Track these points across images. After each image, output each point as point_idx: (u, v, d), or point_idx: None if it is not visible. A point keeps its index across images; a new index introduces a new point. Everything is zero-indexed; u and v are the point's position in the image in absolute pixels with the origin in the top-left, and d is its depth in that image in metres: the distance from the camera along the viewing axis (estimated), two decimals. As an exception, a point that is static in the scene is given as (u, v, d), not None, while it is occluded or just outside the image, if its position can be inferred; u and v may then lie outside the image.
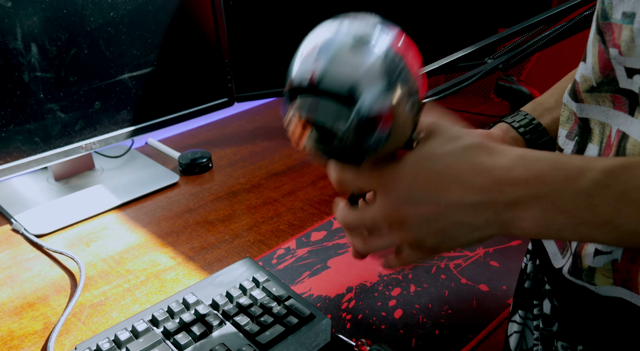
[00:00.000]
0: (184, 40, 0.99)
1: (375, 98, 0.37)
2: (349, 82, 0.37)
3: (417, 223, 0.42)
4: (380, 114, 0.38)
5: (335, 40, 0.39)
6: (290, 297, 0.66)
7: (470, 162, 0.39)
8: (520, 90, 1.11)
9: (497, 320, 0.67)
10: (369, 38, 0.39)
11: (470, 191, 0.39)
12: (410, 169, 0.41)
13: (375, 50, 0.38)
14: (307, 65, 0.40)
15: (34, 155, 0.87)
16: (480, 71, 0.63)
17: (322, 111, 0.38)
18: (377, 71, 0.37)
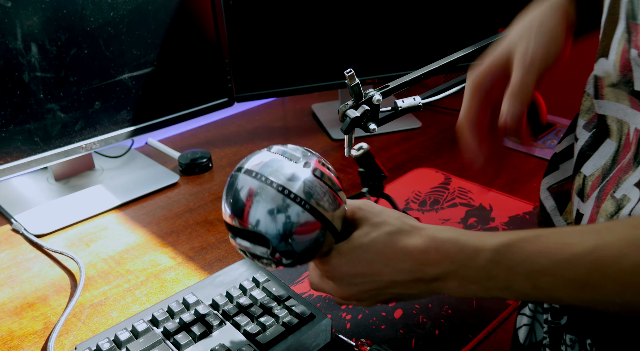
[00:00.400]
0: (184, 40, 0.99)
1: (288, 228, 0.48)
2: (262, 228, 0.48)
3: (363, 298, 0.51)
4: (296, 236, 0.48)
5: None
6: (290, 297, 0.66)
7: (394, 248, 0.47)
8: (520, 90, 1.11)
9: (497, 320, 0.67)
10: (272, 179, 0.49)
11: (400, 273, 0.47)
12: (346, 260, 0.50)
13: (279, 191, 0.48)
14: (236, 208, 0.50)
15: (34, 155, 0.87)
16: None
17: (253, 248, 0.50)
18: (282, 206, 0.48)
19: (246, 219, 0.48)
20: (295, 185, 0.48)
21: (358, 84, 0.62)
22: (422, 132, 1.17)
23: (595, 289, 0.39)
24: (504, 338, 0.65)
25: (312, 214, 0.48)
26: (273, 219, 0.47)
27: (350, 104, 0.63)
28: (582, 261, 0.39)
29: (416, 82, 0.65)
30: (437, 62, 0.64)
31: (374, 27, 1.10)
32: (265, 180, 0.48)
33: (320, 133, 1.18)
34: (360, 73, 1.13)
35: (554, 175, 0.59)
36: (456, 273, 0.45)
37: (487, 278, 0.43)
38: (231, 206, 0.49)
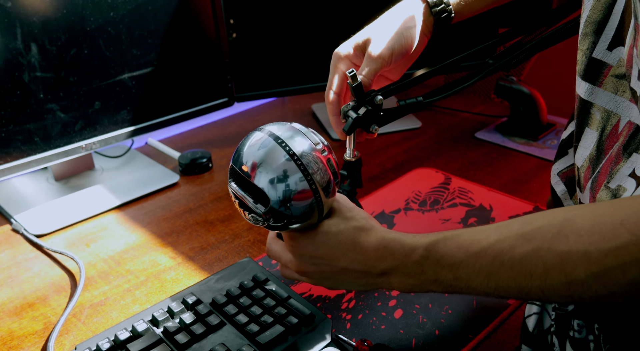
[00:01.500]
0: (184, 40, 0.99)
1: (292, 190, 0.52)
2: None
3: (315, 277, 0.58)
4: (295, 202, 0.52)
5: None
6: (290, 297, 0.66)
7: (354, 241, 0.54)
8: (520, 90, 1.11)
9: (497, 320, 0.67)
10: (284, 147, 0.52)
11: (354, 263, 0.54)
12: (313, 241, 0.55)
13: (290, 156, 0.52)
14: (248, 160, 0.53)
15: (34, 155, 0.87)
16: (482, 71, 0.63)
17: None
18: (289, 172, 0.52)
19: (255, 174, 0.52)
20: (307, 159, 0.52)
21: (360, 84, 0.62)
22: (422, 132, 1.17)
23: (497, 277, 0.46)
24: (504, 338, 0.65)
25: (313, 191, 0.52)
26: (280, 182, 0.51)
27: (352, 104, 0.63)
28: (486, 253, 0.46)
29: (417, 82, 0.65)
30: (438, 65, 0.64)
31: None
32: (285, 146, 0.52)
33: (320, 133, 1.18)
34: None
35: (563, 160, 0.61)
36: (397, 269, 0.52)
37: (421, 272, 0.50)
38: (245, 157, 0.53)
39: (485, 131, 1.16)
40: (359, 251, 0.54)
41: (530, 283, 0.44)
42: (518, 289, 0.45)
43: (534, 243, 0.44)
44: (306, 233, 0.56)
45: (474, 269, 0.47)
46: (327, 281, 0.58)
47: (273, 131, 0.53)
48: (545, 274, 0.43)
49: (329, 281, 0.58)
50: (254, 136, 0.54)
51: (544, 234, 0.44)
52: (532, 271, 0.44)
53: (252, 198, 0.53)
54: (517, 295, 0.46)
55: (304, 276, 0.59)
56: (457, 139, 1.13)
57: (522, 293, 0.45)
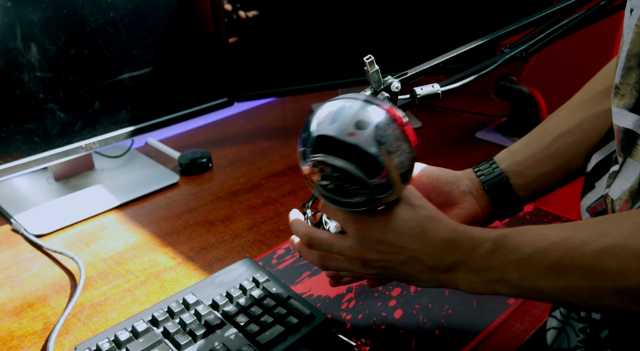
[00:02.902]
0: (183, 40, 0.99)
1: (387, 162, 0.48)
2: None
3: (377, 265, 0.54)
4: (386, 174, 0.48)
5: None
6: (290, 297, 0.66)
7: (424, 230, 0.51)
8: (521, 90, 1.11)
9: (497, 320, 0.67)
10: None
11: (421, 253, 0.51)
12: (383, 225, 0.52)
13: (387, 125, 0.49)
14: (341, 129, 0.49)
15: (34, 155, 0.87)
16: (498, 60, 0.62)
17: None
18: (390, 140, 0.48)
19: (367, 141, 0.48)
20: (411, 138, 0.50)
21: (377, 70, 0.60)
22: (422, 132, 1.17)
23: (567, 276, 0.43)
24: (504, 338, 0.65)
25: (409, 171, 0.50)
26: (394, 150, 0.48)
27: (368, 91, 0.62)
28: (556, 248, 0.43)
29: (435, 70, 0.63)
30: (455, 50, 0.63)
31: (374, 26, 1.10)
32: (391, 115, 0.49)
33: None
34: (360, 73, 1.13)
35: (591, 194, 0.58)
36: (464, 263, 0.49)
37: (487, 268, 0.48)
38: (348, 125, 0.48)
39: (485, 131, 1.16)
40: (428, 241, 0.51)
41: (604, 284, 0.41)
42: (590, 292, 0.42)
43: (609, 239, 0.40)
44: (375, 216, 0.52)
45: (542, 266, 0.44)
46: (387, 273, 0.54)
47: (368, 99, 0.50)
48: (620, 274, 0.40)
49: (389, 273, 0.54)
50: (348, 104, 0.50)
51: (621, 230, 0.40)
52: (605, 270, 0.40)
53: (358, 169, 0.48)
54: (590, 301, 0.42)
55: (365, 265, 0.54)
56: (457, 139, 1.13)
57: (595, 298, 0.42)
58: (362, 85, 1.15)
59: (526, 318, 0.67)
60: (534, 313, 0.68)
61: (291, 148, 1.12)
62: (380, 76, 0.60)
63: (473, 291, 0.50)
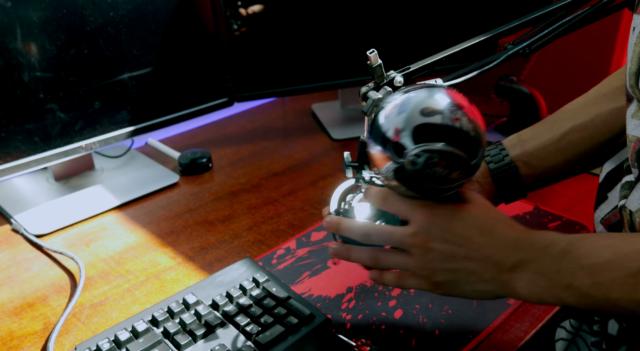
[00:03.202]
0: (183, 40, 0.99)
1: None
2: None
3: (438, 257, 0.50)
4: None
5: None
6: (290, 297, 0.66)
7: (493, 227, 0.49)
8: (521, 90, 1.11)
9: (497, 320, 0.67)
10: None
11: (487, 248, 0.48)
12: (452, 214, 0.50)
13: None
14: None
15: (34, 155, 0.87)
16: (501, 56, 0.62)
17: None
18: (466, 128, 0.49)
19: (470, 127, 0.50)
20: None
21: (380, 64, 0.60)
22: (422, 132, 1.17)
23: None
24: (504, 338, 0.65)
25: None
26: (481, 134, 0.50)
27: (371, 85, 0.62)
28: (635, 252, 0.40)
29: (437, 65, 0.63)
30: (456, 46, 0.63)
31: (373, 26, 1.10)
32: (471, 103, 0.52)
33: (320, 133, 1.18)
34: (360, 73, 1.13)
35: (604, 206, 0.57)
36: (532, 262, 0.46)
37: (556, 270, 0.44)
38: (452, 110, 0.50)
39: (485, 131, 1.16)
40: (497, 236, 0.48)
41: None
42: None
43: None
44: (444, 204, 0.50)
45: (620, 274, 0.40)
46: (446, 271, 0.50)
47: (433, 85, 0.53)
48: None
49: (448, 265, 0.50)
50: (434, 93, 0.51)
51: None
52: None
53: (465, 153, 0.48)
54: None
55: (424, 256, 0.51)
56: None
57: None
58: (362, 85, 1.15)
59: (526, 318, 0.67)
60: (534, 313, 0.68)
61: (291, 148, 1.12)
62: (383, 70, 0.60)
63: (534, 298, 0.47)
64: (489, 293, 0.50)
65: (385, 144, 0.50)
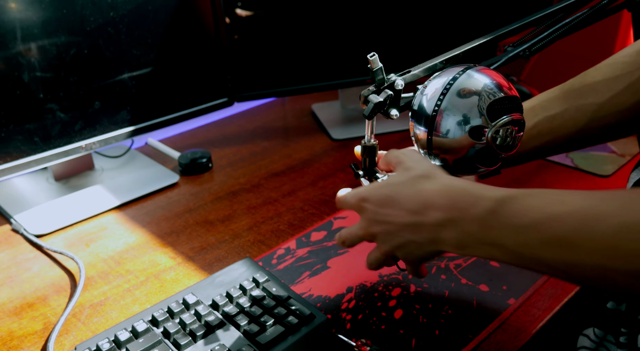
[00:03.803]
0: (183, 40, 0.99)
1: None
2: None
3: (382, 239, 0.54)
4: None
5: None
6: (290, 297, 0.66)
7: (411, 190, 0.50)
8: (521, 90, 1.11)
9: (497, 320, 0.67)
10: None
11: (409, 215, 0.50)
12: (377, 194, 0.53)
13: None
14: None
15: (34, 155, 0.87)
16: (501, 58, 0.63)
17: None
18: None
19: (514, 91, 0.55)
20: None
21: (381, 68, 0.60)
22: (422, 132, 1.17)
23: (578, 249, 0.38)
24: (504, 338, 0.65)
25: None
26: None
27: (372, 89, 0.62)
28: (571, 217, 0.39)
29: (438, 68, 0.63)
30: (457, 48, 0.63)
31: (374, 26, 1.10)
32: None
33: (320, 133, 1.18)
34: (360, 73, 1.13)
35: None
36: (456, 221, 0.46)
37: (482, 230, 0.44)
38: (499, 86, 0.55)
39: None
40: (414, 199, 0.50)
41: (620, 264, 0.36)
42: (601, 270, 0.37)
43: (635, 215, 0.36)
44: (371, 185, 0.56)
45: (550, 233, 0.39)
46: (392, 244, 0.54)
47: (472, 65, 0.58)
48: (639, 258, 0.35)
49: (394, 242, 0.54)
50: (483, 71, 0.56)
51: None
52: (625, 249, 0.36)
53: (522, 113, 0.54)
54: (599, 281, 0.38)
55: (375, 240, 0.56)
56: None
57: (604, 278, 0.37)
58: (362, 85, 1.15)
59: (526, 318, 0.67)
60: (534, 313, 0.68)
61: (291, 148, 1.12)
62: (384, 73, 0.60)
63: (465, 252, 0.47)
64: (430, 254, 0.52)
65: (457, 130, 0.53)
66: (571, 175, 0.96)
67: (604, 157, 0.99)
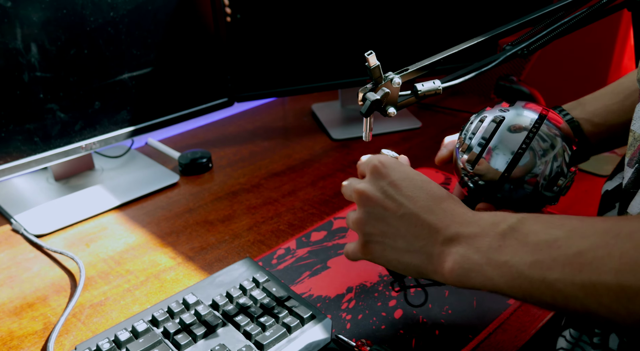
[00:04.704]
0: (183, 40, 0.99)
1: None
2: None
3: (370, 212, 0.49)
4: None
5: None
6: (290, 297, 0.66)
7: (443, 198, 0.47)
8: (521, 90, 1.11)
9: (497, 320, 0.67)
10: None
11: (429, 214, 0.46)
12: (405, 172, 0.50)
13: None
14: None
15: (34, 155, 0.87)
16: (500, 57, 0.62)
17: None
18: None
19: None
20: None
21: (378, 66, 0.60)
22: (422, 132, 1.17)
23: (595, 265, 0.35)
24: (504, 338, 0.65)
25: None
26: None
27: (369, 87, 0.62)
28: (595, 234, 0.36)
29: (435, 66, 0.63)
30: (455, 47, 0.63)
31: (373, 26, 1.10)
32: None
33: (320, 133, 1.18)
34: (360, 73, 1.13)
35: (610, 215, 0.55)
36: (473, 238, 0.43)
37: (496, 247, 0.42)
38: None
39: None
40: (444, 208, 0.46)
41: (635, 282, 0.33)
42: (619, 291, 0.34)
43: None
44: (404, 166, 0.52)
45: (567, 252, 0.37)
46: (376, 229, 0.49)
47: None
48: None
49: (378, 230, 0.49)
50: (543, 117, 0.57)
51: None
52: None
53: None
54: (614, 304, 0.35)
55: (362, 207, 0.50)
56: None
57: (623, 300, 0.34)
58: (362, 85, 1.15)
59: (526, 318, 0.67)
60: (533, 313, 0.68)
61: (291, 148, 1.12)
62: (382, 71, 0.60)
63: (460, 276, 0.43)
64: (411, 267, 0.48)
65: (534, 173, 0.54)
66: (571, 175, 0.96)
67: (604, 157, 0.99)
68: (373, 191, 0.49)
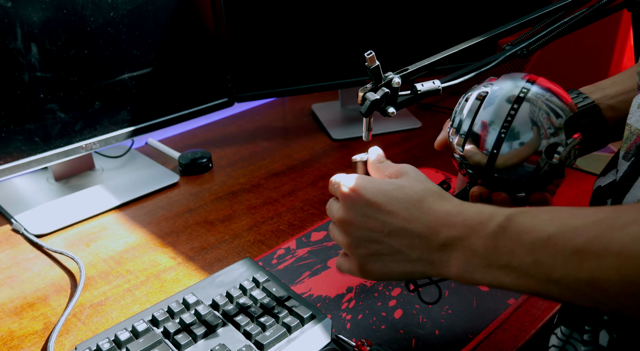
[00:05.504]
0: (183, 40, 0.99)
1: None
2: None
3: (359, 234, 0.48)
4: None
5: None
6: (290, 297, 0.66)
7: (422, 200, 0.46)
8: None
9: (497, 320, 0.67)
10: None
11: (414, 223, 0.45)
12: (375, 186, 0.48)
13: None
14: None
15: (34, 155, 0.87)
16: (499, 57, 0.62)
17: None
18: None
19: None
20: None
21: (378, 66, 0.60)
22: (422, 132, 1.17)
23: (597, 262, 0.34)
24: (504, 338, 0.65)
25: None
26: None
27: (369, 86, 0.62)
28: (589, 228, 0.36)
29: (435, 66, 0.63)
30: (455, 47, 0.62)
31: (373, 26, 1.10)
32: None
33: (320, 133, 1.18)
34: (360, 73, 1.13)
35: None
36: (465, 240, 0.42)
37: (492, 248, 0.40)
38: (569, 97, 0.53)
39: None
40: (425, 211, 0.45)
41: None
42: (624, 286, 0.33)
43: None
44: (371, 178, 0.49)
45: (565, 249, 0.36)
46: (368, 251, 0.48)
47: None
48: None
49: (371, 250, 0.48)
50: (540, 87, 0.53)
51: None
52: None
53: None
54: (622, 298, 0.34)
55: (348, 232, 0.49)
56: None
57: (630, 295, 0.34)
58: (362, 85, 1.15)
59: (526, 318, 0.67)
60: (534, 313, 0.68)
61: (291, 148, 1.12)
62: (381, 71, 0.60)
63: (468, 279, 0.42)
64: (418, 274, 0.47)
65: (536, 148, 0.50)
66: (571, 175, 0.96)
67: (604, 157, 0.99)
68: (353, 216, 0.48)
